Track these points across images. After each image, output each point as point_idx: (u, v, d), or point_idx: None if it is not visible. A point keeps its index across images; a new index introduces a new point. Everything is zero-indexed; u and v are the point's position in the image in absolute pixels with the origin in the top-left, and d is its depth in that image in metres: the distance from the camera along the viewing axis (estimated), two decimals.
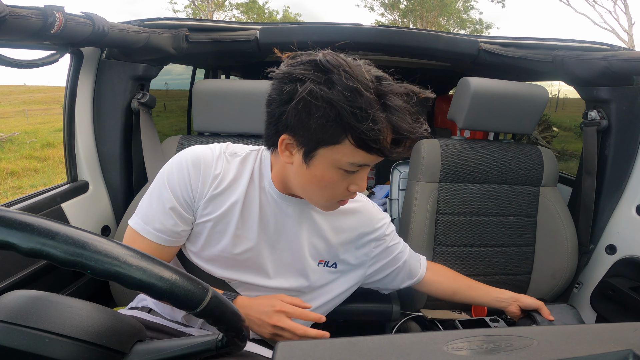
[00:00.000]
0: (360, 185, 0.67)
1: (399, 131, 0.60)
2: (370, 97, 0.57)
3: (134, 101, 1.22)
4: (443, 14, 19.90)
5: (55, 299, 0.43)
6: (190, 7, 20.05)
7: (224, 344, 0.46)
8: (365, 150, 0.61)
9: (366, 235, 0.87)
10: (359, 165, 0.64)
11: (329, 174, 0.64)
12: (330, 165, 0.64)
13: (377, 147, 0.60)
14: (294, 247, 0.80)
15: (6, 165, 6.66)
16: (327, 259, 0.84)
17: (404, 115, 0.60)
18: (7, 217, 0.32)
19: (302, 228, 0.80)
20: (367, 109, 0.57)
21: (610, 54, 1.11)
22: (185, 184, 0.73)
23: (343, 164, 0.63)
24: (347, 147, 0.61)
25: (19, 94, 19.42)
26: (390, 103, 0.59)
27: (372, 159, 0.63)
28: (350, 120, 0.57)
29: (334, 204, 0.72)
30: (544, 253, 1.26)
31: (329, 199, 0.69)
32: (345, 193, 0.68)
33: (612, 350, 0.36)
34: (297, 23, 1.32)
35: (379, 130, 0.58)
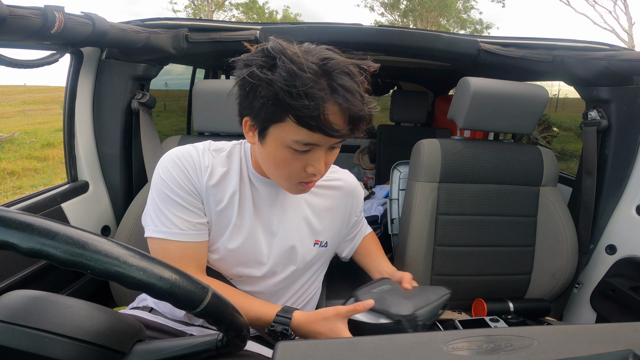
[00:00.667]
0: (316, 166, 0.67)
1: (345, 109, 0.61)
2: (306, 76, 0.59)
3: (134, 101, 1.22)
4: (443, 14, 19.90)
5: (55, 299, 0.43)
6: (190, 7, 20.06)
7: (224, 344, 0.46)
8: (307, 128, 0.61)
9: (352, 210, 0.94)
10: (306, 144, 0.64)
11: (280, 152, 0.66)
12: (280, 144, 0.65)
13: (316, 125, 0.60)
14: (288, 232, 0.83)
15: (6, 165, 6.66)
16: (321, 239, 0.88)
17: (350, 94, 0.61)
18: (7, 217, 0.32)
19: (295, 212, 0.83)
20: (301, 87, 0.58)
21: (610, 54, 1.11)
22: (186, 176, 0.74)
23: (289, 142, 0.64)
24: (290, 125, 0.62)
25: (19, 94, 19.42)
26: (335, 82, 0.60)
27: (317, 137, 0.63)
28: (286, 98, 0.59)
29: (296, 186, 0.72)
30: (544, 253, 1.26)
31: (287, 179, 0.71)
32: (302, 174, 0.69)
33: (612, 350, 0.36)
34: (297, 23, 1.32)
35: (315, 107, 0.59)
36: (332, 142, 0.66)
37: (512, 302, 1.24)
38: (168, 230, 0.73)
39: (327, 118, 0.61)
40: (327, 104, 0.60)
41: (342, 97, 0.60)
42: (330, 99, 0.60)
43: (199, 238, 0.75)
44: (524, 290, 1.29)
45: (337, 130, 0.62)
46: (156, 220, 0.74)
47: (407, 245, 1.19)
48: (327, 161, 0.70)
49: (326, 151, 0.68)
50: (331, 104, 0.60)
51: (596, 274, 1.28)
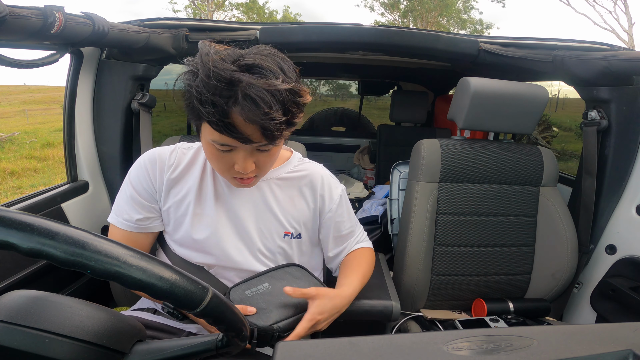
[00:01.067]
0: (241, 165, 0.69)
1: (250, 120, 0.62)
2: (213, 84, 0.61)
3: (134, 101, 1.22)
4: (443, 14, 19.90)
5: (55, 299, 0.43)
6: (191, 7, 20.06)
7: (224, 344, 0.46)
8: (218, 132, 0.64)
9: (323, 203, 0.89)
10: (222, 145, 0.67)
11: (208, 148, 0.71)
12: (206, 142, 0.70)
13: (224, 130, 0.63)
14: (255, 223, 0.84)
15: (6, 165, 6.65)
16: (292, 231, 0.87)
17: (254, 105, 0.61)
18: (7, 217, 0.32)
19: (260, 203, 0.85)
20: (208, 94, 0.61)
21: (610, 54, 1.11)
22: (144, 176, 0.82)
23: (208, 141, 0.69)
24: (206, 126, 0.67)
25: (19, 94, 19.42)
26: (243, 92, 0.61)
27: (229, 140, 0.65)
28: (197, 104, 0.63)
29: (233, 180, 0.75)
30: (544, 253, 1.26)
31: (220, 171, 0.75)
32: (232, 171, 0.72)
33: (612, 350, 0.36)
34: (297, 23, 1.32)
35: (219, 113, 0.62)
36: (251, 145, 0.67)
37: (512, 302, 1.24)
38: (116, 219, 0.84)
39: (234, 123, 0.63)
40: (232, 110, 0.62)
41: (246, 107, 0.61)
42: (234, 108, 0.61)
43: (138, 230, 0.84)
44: (524, 290, 1.29)
45: (245, 136, 0.64)
46: (115, 207, 0.86)
47: (407, 245, 1.19)
48: (260, 161, 0.72)
49: (254, 152, 0.70)
50: (236, 112, 0.62)
51: (596, 274, 1.28)
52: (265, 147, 0.69)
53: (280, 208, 0.86)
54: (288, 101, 0.64)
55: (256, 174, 0.75)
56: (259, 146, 0.68)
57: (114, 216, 0.85)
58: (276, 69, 0.64)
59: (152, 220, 0.85)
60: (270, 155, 0.73)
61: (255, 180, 0.77)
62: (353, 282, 0.87)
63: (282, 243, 0.86)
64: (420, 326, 1.19)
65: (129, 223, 0.84)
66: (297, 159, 0.92)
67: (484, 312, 1.21)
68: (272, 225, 0.85)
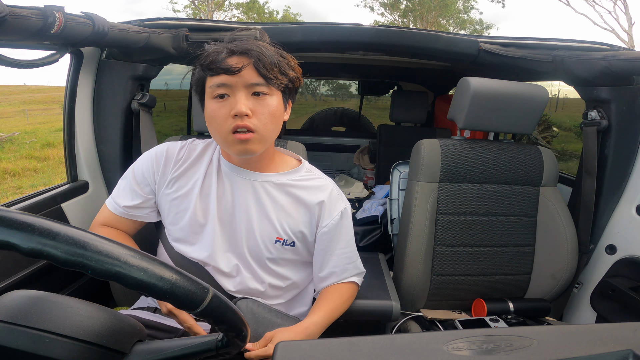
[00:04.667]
0: (237, 107, 0.75)
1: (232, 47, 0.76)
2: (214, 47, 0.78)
3: (134, 101, 1.21)
4: (443, 14, 19.90)
5: (55, 299, 0.43)
6: (191, 7, 20.06)
7: (224, 344, 0.46)
8: (214, 74, 0.76)
9: (320, 215, 0.88)
10: (219, 86, 0.75)
11: (209, 105, 0.78)
12: (208, 99, 0.79)
13: (215, 67, 0.75)
14: (246, 224, 0.85)
15: (6, 165, 6.65)
16: (284, 237, 0.86)
17: (246, 42, 0.77)
18: (7, 217, 0.32)
19: (257, 205, 0.85)
20: (209, 52, 0.77)
21: (610, 54, 1.11)
22: (148, 167, 0.87)
23: (209, 91, 0.78)
24: (207, 80, 0.79)
25: (19, 94, 19.42)
26: (236, 42, 0.77)
27: (224, 78, 0.75)
28: (200, 62, 0.78)
29: (230, 136, 0.77)
30: (544, 253, 1.26)
31: (219, 129, 0.78)
32: (230, 120, 0.76)
33: (612, 350, 0.36)
34: (297, 23, 1.32)
35: (213, 55, 0.75)
36: (242, 81, 0.75)
37: (512, 302, 1.23)
38: (109, 199, 0.91)
39: (227, 62, 0.74)
40: (222, 53, 0.75)
41: (234, 45, 0.76)
42: (229, 49, 0.76)
43: (123, 215, 0.90)
44: (524, 290, 1.29)
45: (235, 67, 0.74)
46: (114, 189, 0.92)
47: (407, 245, 1.19)
48: (256, 110, 0.77)
49: (251, 97, 0.76)
50: (226, 51, 0.76)
51: (596, 274, 1.28)
52: (261, 87, 0.76)
53: (276, 213, 0.85)
54: (277, 54, 0.78)
55: (253, 129, 0.76)
56: (254, 85, 0.75)
57: (109, 198, 0.92)
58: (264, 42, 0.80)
59: (141, 210, 0.89)
60: (267, 105, 0.77)
61: (253, 138, 0.77)
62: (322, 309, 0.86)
63: (272, 248, 0.85)
64: (420, 326, 1.19)
65: (117, 207, 0.89)
66: (305, 169, 0.92)
67: (484, 312, 1.21)
68: (264, 229, 0.85)
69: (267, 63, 0.75)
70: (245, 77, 0.75)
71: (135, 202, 0.88)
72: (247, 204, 0.85)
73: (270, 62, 0.75)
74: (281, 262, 0.88)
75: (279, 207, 0.86)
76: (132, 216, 0.90)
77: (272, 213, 0.85)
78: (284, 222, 0.86)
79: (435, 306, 1.26)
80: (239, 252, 0.85)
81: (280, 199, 0.86)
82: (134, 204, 0.88)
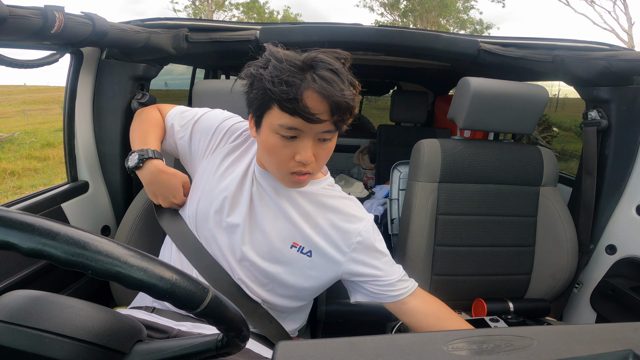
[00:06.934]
0: (303, 154, 0.70)
1: (320, 94, 0.66)
2: (288, 67, 0.67)
3: (134, 101, 1.21)
4: (443, 14, 19.89)
5: (55, 299, 0.43)
6: (191, 7, 20.05)
7: (224, 344, 0.46)
8: (288, 113, 0.67)
9: (348, 231, 0.84)
10: (289, 128, 0.69)
11: (270, 138, 0.72)
12: (270, 130, 0.71)
13: (293, 108, 0.66)
14: (269, 223, 0.83)
15: (6, 165, 6.65)
16: (302, 244, 0.83)
17: (327, 83, 0.66)
18: (7, 217, 0.32)
19: (282, 207, 0.83)
20: (283, 76, 0.66)
21: (610, 54, 1.11)
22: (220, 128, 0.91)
23: (275, 127, 0.70)
24: (275, 111, 0.69)
25: (19, 94, 19.42)
26: (315, 74, 0.67)
27: (299, 122, 0.68)
28: (270, 86, 0.67)
29: (287, 175, 0.75)
30: (544, 253, 1.26)
31: (278, 167, 0.75)
32: (292, 163, 0.73)
33: (612, 350, 0.36)
34: (297, 23, 1.32)
35: (292, 92, 0.66)
36: (315, 129, 0.69)
37: (512, 302, 1.24)
38: (172, 112, 0.97)
39: (305, 103, 0.66)
40: (305, 90, 0.66)
41: (319, 84, 0.66)
42: (309, 86, 0.66)
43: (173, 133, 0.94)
44: (524, 290, 1.29)
45: (315, 114, 0.66)
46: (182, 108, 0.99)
47: (407, 245, 1.19)
48: (318, 154, 0.73)
49: (316, 142, 0.72)
50: (309, 90, 0.66)
51: (596, 274, 1.28)
52: (329, 134, 0.71)
53: (299, 218, 0.83)
54: (351, 92, 0.69)
55: (312, 172, 0.75)
56: (324, 133, 0.70)
57: (175, 111, 0.98)
58: (337, 62, 0.70)
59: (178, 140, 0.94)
60: (328, 149, 0.75)
61: (309, 178, 0.76)
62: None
63: (287, 252, 0.83)
64: None
65: (177, 127, 0.94)
66: (328, 182, 0.91)
67: (484, 312, 1.21)
68: (282, 231, 0.83)
69: (344, 110, 0.68)
70: (321, 126, 0.69)
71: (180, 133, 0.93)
72: (271, 205, 0.83)
73: (347, 108, 0.68)
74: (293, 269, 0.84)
75: (299, 212, 0.84)
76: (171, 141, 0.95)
77: (295, 217, 0.83)
78: (305, 228, 0.83)
79: None
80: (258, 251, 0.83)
81: (302, 205, 0.84)
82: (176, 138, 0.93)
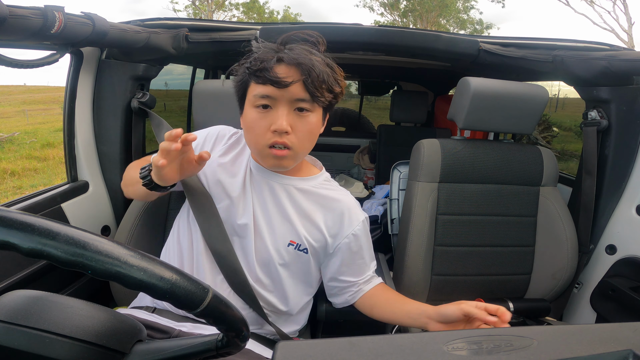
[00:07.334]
0: (277, 122, 0.73)
1: (286, 60, 0.72)
2: (263, 49, 0.75)
3: (134, 100, 1.21)
4: (443, 14, 19.89)
5: (55, 299, 0.43)
6: (191, 7, 20.05)
7: (224, 344, 0.46)
8: (261, 83, 0.73)
9: (339, 230, 0.87)
10: (263, 97, 0.73)
11: (249, 114, 0.77)
12: (249, 106, 0.77)
13: (264, 76, 0.72)
14: (268, 220, 0.84)
15: (6, 165, 6.65)
16: (298, 242, 0.84)
17: (298, 53, 0.73)
18: (7, 217, 0.32)
19: (280, 202, 0.84)
20: (257, 57, 0.74)
21: (610, 54, 1.11)
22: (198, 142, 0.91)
23: (251, 99, 0.75)
24: (252, 86, 0.76)
25: (19, 94, 19.41)
26: (287, 48, 0.74)
27: (270, 89, 0.72)
28: (247, 65, 0.75)
29: (266, 150, 0.76)
30: (544, 253, 1.26)
31: (256, 141, 0.77)
32: (268, 134, 0.75)
33: (612, 350, 0.36)
34: (297, 23, 1.32)
35: (262, 62, 0.72)
36: (288, 95, 0.73)
37: (512, 302, 1.24)
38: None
39: (276, 72, 0.72)
40: (276, 62, 0.72)
41: (287, 54, 0.72)
42: (279, 58, 0.72)
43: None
44: (524, 290, 1.29)
45: (282, 78, 0.71)
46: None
47: (407, 245, 1.19)
48: (296, 127, 0.75)
49: (292, 113, 0.75)
50: (280, 61, 0.72)
51: (596, 274, 1.28)
52: (305, 103, 0.74)
53: (295, 216, 0.84)
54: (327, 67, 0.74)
55: (290, 146, 0.75)
56: (298, 101, 0.73)
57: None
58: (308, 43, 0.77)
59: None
60: (308, 123, 0.76)
61: (288, 155, 0.76)
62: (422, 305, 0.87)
63: (284, 251, 0.84)
64: None
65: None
66: (324, 177, 0.92)
67: None
68: (279, 230, 0.84)
69: (317, 79, 0.72)
70: (292, 92, 0.72)
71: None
72: (267, 204, 0.84)
73: (320, 78, 0.72)
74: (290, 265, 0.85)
75: (297, 210, 0.85)
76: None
77: (292, 215, 0.84)
78: (300, 226, 0.84)
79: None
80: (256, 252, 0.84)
81: (299, 203, 0.85)
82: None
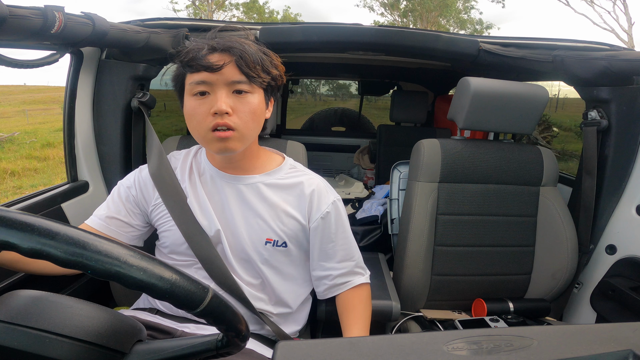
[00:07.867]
0: (217, 105, 0.74)
1: (222, 47, 0.75)
2: (193, 42, 0.78)
3: (134, 100, 1.21)
4: (443, 14, 19.90)
5: (55, 299, 0.43)
6: (191, 7, 20.05)
7: (224, 344, 0.46)
8: (194, 71, 0.75)
9: (311, 212, 0.86)
10: (198, 83, 0.75)
11: (188, 103, 0.78)
12: (187, 96, 0.78)
13: (196, 64, 0.74)
14: (240, 223, 0.83)
15: (6, 165, 6.65)
16: (275, 238, 0.84)
17: (228, 38, 0.77)
18: (7, 217, 0.32)
19: (246, 206, 0.84)
20: (189, 46, 0.77)
21: (610, 54, 1.11)
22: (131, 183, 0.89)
23: (188, 89, 0.77)
24: (187, 77, 0.78)
25: (19, 94, 19.43)
26: (217, 38, 0.78)
27: (204, 75, 0.74)
28: (179, 59, 0.77)
29: (210, 134, 0.76)
30: (544, 253, 1.26)
31: (199, 127, 0.77)
32: (209, 118, 0.75)
33: (612, 350, 0.36)
34: (296, 23, 1.32)
35: (193, 52, 0.75)
36: (223, 79, 0.74)
37: (512, 302, 1.24)
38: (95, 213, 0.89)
39: (208, 59, 0.74)
40: (208, 50, 0.75)
41: (217, 40, 0.76)
42: (210, 45, 0.75)
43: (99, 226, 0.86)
44: (524, 290, 1.29)
45: (214, 63, 0.73)
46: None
47: (407, 245, 1.19)
48: (237, 108, 0.76)
49: (232, 95, 0.75)
50: (209, 49, 0.75)
51: (596, 274, 1.28)
52: (243, 85, 0.75)
53: (266, 214, 0.84)
54: (260, 52, 0.78)
55: (234, 127, 0.75)
56: (235, 83, 0.75)
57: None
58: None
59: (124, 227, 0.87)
60: (249, 103, 0.77)
61: (233, 136, 0.76)
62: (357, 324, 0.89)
63: (262, 250, 0.83)
64: (420, 326, 1.19)
65: (96, 218, 0.86)
66: (289, 165, 0.91)
67: (484, 312, 1.21)
68: (253, 230, 0.83)
69: (250, 61, 0.75)
70: (227, 75, 0.74)
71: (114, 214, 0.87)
72: (235, 205, 0.84)
73: (253, 59, 0.75)
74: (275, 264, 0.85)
75: (267, 207, 0.84)
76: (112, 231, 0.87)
77: (264, 213, 0.83)
78: (273, 222, 0.84)
79: (435, 306, 1.26)
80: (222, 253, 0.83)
81: (268, 199, 0.84)
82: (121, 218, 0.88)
